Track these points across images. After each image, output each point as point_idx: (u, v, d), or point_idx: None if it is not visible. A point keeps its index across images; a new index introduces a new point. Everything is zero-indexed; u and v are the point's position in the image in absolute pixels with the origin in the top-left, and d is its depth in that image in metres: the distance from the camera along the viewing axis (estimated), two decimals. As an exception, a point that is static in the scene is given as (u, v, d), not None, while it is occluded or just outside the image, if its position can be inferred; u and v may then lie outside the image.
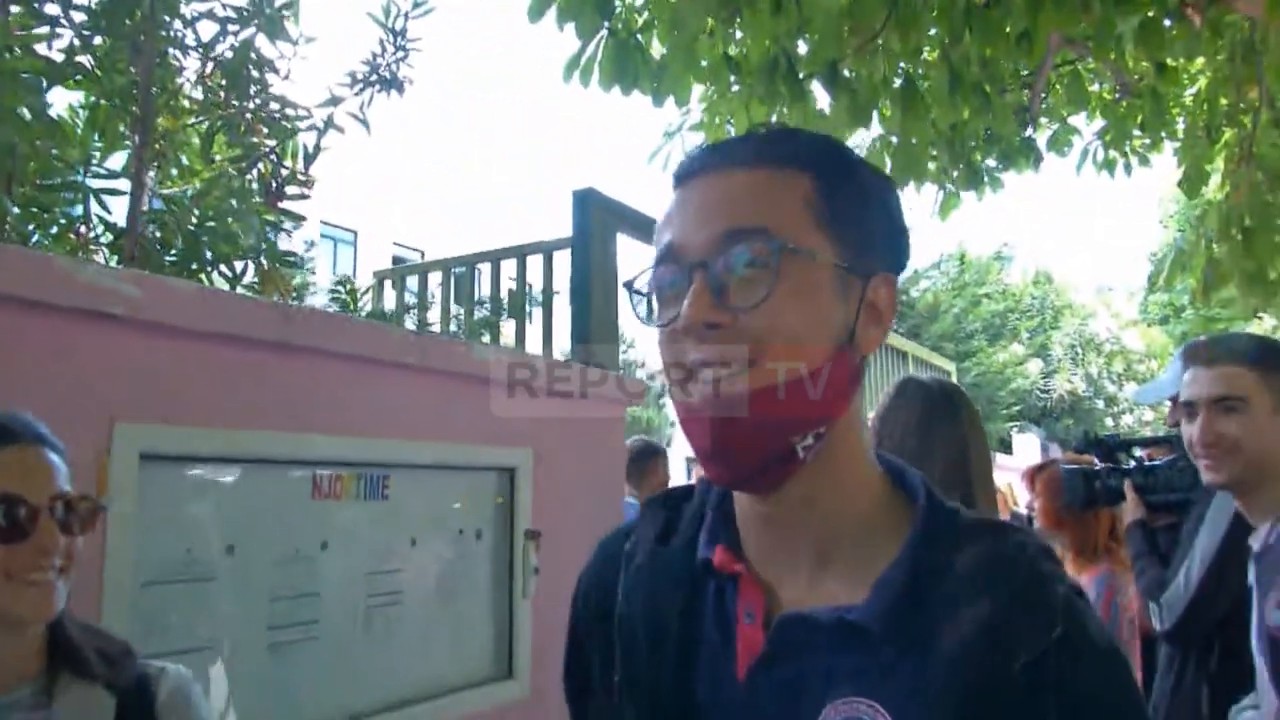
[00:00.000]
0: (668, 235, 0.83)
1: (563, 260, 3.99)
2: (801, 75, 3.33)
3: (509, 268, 4.34)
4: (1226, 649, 2.27)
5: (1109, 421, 28.33)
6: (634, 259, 3.65)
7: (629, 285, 0.86)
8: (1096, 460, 3.01)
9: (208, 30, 3.22)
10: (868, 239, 0.83)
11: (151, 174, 3.08)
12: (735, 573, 0.87)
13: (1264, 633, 1.75)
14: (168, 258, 3.08)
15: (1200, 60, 4.86)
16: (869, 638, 0.77)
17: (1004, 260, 31.56)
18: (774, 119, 3.63)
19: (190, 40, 3.22)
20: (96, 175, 2.98)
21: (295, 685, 1.91)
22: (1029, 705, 0.72)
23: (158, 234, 3.09)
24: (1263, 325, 19.87)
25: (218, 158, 3.41)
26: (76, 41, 2.92)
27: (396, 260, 21.79)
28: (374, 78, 3.41)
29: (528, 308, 4.06)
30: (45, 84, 2.82)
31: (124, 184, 3.02)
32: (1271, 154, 4.75)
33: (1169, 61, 4.18)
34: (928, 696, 0.73)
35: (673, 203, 0.84)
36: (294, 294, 3.46)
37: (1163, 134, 4.97)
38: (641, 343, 22.79)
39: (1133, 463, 2.95)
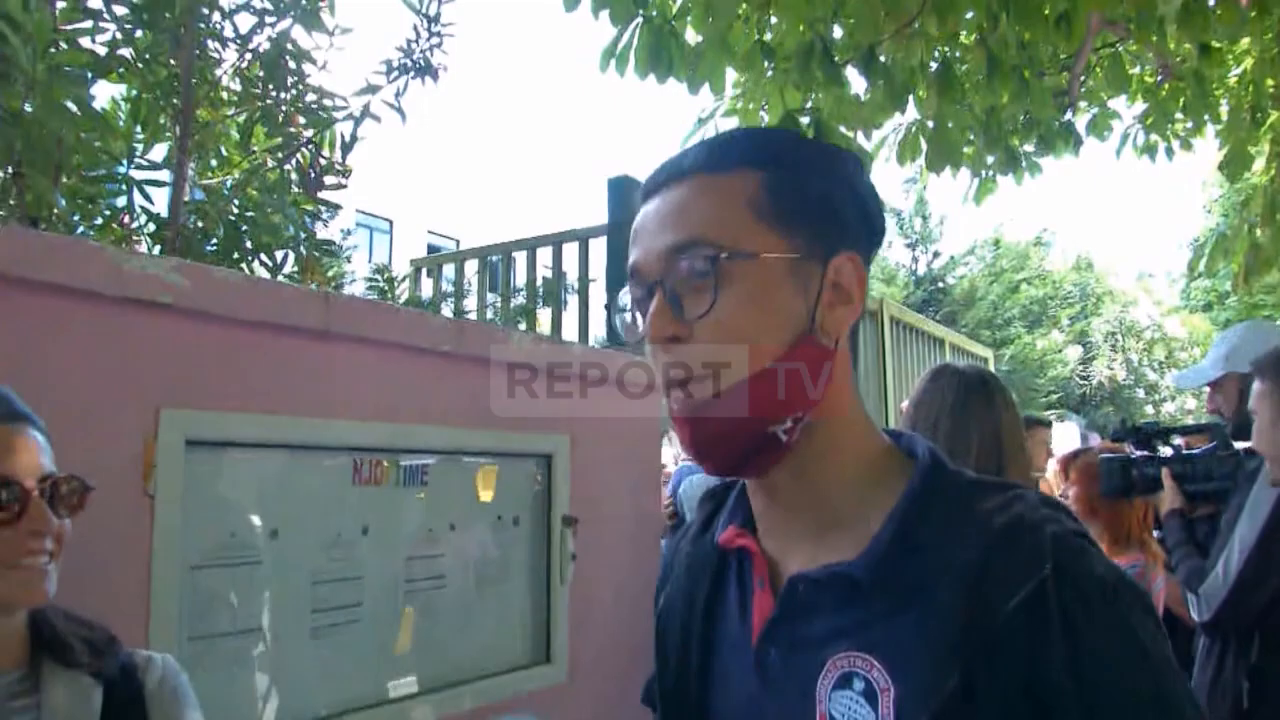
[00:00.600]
0: (633, 254, 0.87)
1: (598, 248, 4.01)
2: (837, 60, 3.30)
3: (545, 255, 4.36)
4: (1268, 640, 2.25)
5: (1149, 409, 27.95)
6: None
7: (609, 306, 0.91)
8: (1132, 448, 2.98)
9: (245, 23, 3.27)
10: (827, 222, 0.85)
11: (192, 165, 3.13)
12: (741, 546, 0.91)
13: None
14: (208, 247, 3.13)
15: (1245, 41, 4.76)
16: (863, 592, 0.78)
17: (1044, 245, 31.11)
18: (809, 104, 3.61)
19: (228, 33, 3.26)
20: (139, 166, 3.05)
21: (338, 667, 1.94)
22: (1030, 648, 0.71)
23: (199, 224, 3.14)
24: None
25: (256, 149, 3.46)
26: (119, 35, 2.97)
27: (431, 248, 21.91)
28: (409, 64, 3.43)
29: (563, 296, 4.09)
30: (90, 77, 2.87)
31: (165, 175, 3.08)
32: (1318, 137, 4.65)
33: (1212, 43, 4.10)
34: (922, 646, 0.74)
35: (638, 219, 0.88)
36: (331, 283, 3.51)
37: (1205, 117, 4.85)
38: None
39: (1170, 451, 2.92)
